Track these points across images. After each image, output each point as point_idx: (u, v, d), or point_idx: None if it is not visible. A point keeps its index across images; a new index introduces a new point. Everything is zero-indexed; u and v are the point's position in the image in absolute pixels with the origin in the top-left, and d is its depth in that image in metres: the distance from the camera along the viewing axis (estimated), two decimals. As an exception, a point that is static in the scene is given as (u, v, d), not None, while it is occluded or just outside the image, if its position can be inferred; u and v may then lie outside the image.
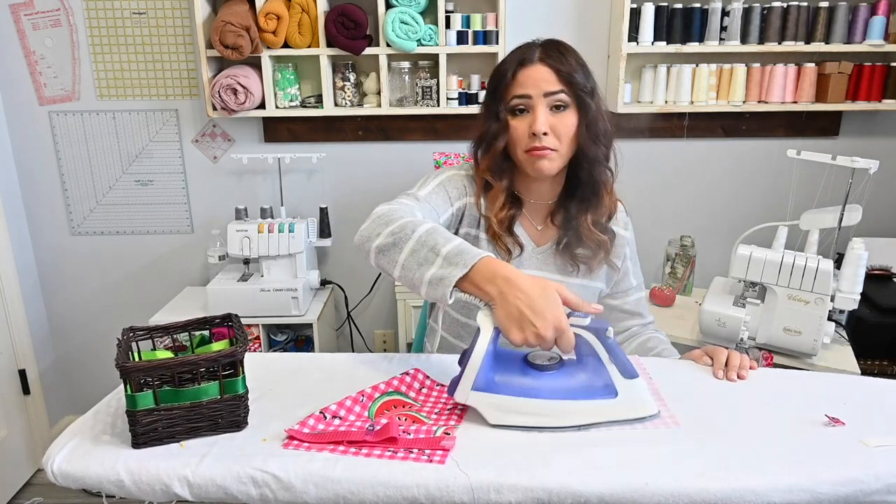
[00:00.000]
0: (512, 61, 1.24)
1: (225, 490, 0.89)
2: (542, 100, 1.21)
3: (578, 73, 1.22)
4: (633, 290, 1.40)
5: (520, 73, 1.22)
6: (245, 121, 2.37)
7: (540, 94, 1.21)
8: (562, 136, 1.22)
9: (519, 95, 1.22)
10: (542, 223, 1.35)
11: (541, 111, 1.21)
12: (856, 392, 1.11)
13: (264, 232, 2.19)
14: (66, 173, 2.43)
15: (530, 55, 1.23)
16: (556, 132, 1.22)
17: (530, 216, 1.35)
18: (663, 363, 1.22)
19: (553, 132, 1.21)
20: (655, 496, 0.85)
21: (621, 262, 1.38)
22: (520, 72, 1.22)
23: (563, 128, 1.22)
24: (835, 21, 2.15)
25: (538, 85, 1.21)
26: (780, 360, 1.80)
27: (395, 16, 2.09)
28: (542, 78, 1.21)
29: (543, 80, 1.21)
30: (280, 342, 2.33)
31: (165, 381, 0.98)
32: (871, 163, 1.80)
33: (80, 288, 2.55)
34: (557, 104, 1.21)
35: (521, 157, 1.25)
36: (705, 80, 2.21)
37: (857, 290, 1.72)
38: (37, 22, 2.28)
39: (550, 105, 1.21)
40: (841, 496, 0.86)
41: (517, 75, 1.22)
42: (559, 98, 1.21)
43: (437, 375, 1.17)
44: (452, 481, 0.87)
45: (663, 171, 2.43)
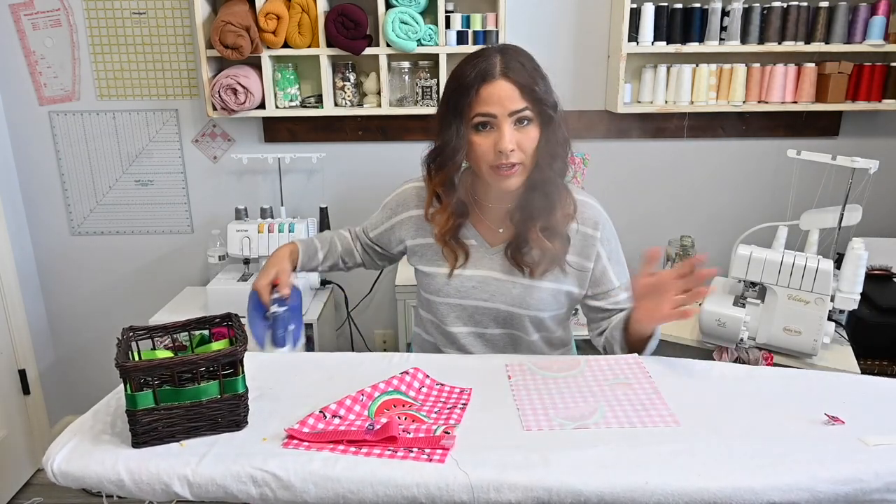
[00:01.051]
0: (474, 76, 1.20)
1: (225, 489, 0.90)
2: (508, 118, 1.20)
3: (540, 88, 1.21)
4: (614, 291, 1.38)
5: (483, 90, 1.19)
6: (245, 121, 2.37)
7: (505, 114, 1.19)
8: (526, 150, 1.22)
9: (483, 114, 1.20)
10: (500, 225, 1.37)
11: (507, 129, 1.19)
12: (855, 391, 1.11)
13: (264, 232, 2.18)
14: (66, 173, 2.43)
15: (491, 69, 1.20)
16: (521, 147, 1.21)
17: (487, 219, 1.37)
18: (663, 363, 1.22)
19: (519, 147, 1.21)
20: (655, 495, 0.85)
21: (592, 262, 1.36)
22: (483, 88, 1.19)
23: (528, 141, 1.22)
24: (835, 21, 2.15)
25: (503, 103, 1.19)
26: (780, 360, 1.80)
27: (395, 16, 2.09)
28: (507, 96, 1.19)
29: (508, 97, 1.19)
30: (280, 342, 2.33)
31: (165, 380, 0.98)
32: (871, 163, 1.80)
33: (80, 288, 2.55)
34: (521, 119, 1.21)
35: (486, 171, 1.25)
36: (705, 80, 2.21)
37: (857, 290, 1.72)
38: (37, 22, 2.28)
39: (515, 121, 1.21)
40: (841, 495, 0.86)
41: (480, 92, 1.20)
42: (524, 115, 1.21)
43: (437, 375, 1.17)
44: (452, 480, 0.87)
45: (663, 171, 2.43)
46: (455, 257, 1.35)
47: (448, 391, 1.12)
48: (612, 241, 1.39)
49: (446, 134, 1.25)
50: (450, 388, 1.14)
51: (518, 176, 1.24)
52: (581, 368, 1.19)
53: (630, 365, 1.20)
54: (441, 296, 1.38)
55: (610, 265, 1.37)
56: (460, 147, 1.24)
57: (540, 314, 1.35)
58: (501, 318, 1.37)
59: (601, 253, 1.36)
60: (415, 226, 1.41)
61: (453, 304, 1.38)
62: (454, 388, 1.14)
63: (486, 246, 1.37)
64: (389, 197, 1.48)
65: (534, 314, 1.35)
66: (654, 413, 1.04)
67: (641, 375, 1.16)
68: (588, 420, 1.02)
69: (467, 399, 1.09)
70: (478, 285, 1.35)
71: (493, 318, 1.37)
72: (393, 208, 1.45)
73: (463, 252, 1.35)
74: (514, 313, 1.35)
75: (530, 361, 1.23)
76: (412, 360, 1.23)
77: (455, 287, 1.36)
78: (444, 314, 1.39)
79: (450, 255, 1.36)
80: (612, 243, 1.39)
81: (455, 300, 1.37)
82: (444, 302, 1.38)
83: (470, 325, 1.39)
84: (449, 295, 1.37)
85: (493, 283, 1.35)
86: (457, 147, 1.24)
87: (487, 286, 1.35)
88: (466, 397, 1.10)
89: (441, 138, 1.27)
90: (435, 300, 1.39)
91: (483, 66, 1.20)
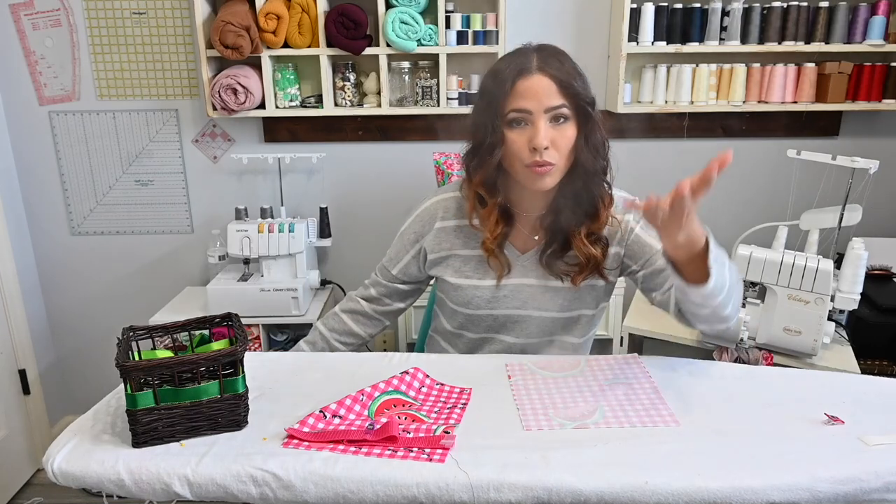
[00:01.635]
0: (509, 70, 1.17)
1: (225, 489, 0.90)
2: (543, 115, 1.16)
3: (578, 84, 1.18)
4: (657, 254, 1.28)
5: (519, 84, 1.16)
6: (245, 121, 2.37)
7: (541, 109, 1.16)
8: (561, 149, 1.18)
9: (518, 109, 1.16)
10: (530, 232, 1.32)
11: (542, 125, 1.15)
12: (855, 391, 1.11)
13: (264, 232, 2.18)
14: (66, 173, 2.43)
15: (528, 64, 1.17)
16: (556, 145, 1.17)
17: (521, 225, 1.32)
18: (663, 363, 1.22)
19: (553, 146, 1.17)
20: (655, 495, 0.85)
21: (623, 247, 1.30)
22: (519, 82, 1.16)
23: (563, 140, 1.17)
24: (835, 21, 2.15)
25: (539, 98, 1.15)
26: (780, 360, 1.80)
27: (395, 16, 2.09)
28: (543, 91, 1.15)
29: (544, 92, 1.15)
30: (280, 342, 2.33)
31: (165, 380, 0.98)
32: (871, 163, 1.80)
33: (80, 288, 2.55)
34: (558, 117, 1.17)
35: (520, 170, 1.20)
36: (705, 80, 2.21)
37: (857, 290, 1.72)
38: (37, 22, 2.28)
39: (551, 118, 1.17)
40: (840, 494, 0.86)
41: (516, 86, 1.16)
42: (560, 112, 1.16)
43: (437, 375, 1.17)
44: (452, 480, 0.87)
45: (663, 171, 2.42)
46: (501, 267, 1.29)
47: (448, 391, 1.13)
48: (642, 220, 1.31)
49: (482, 130, 1.21)
50: (450, 387, 1.14)
51: (552, 176, 1.19)
52: (581, 368, 1.20)
53: (630, 365, 1.21)
54: (471, 308, 1.32)
55: (643, 233, 1.30)
56: (498, 143, 1.19)
57: (583, 312, 1.32)
58: (535, 325, 1.32)
59: (631, 226, 1.30)
60: (441, 237, 1.34)
61: (484, 314, 1.33)
62: (454, 387, 1.14)
63: (516, 253, 1.32)
64: (409, 222, 1.39)
65: (576, 314, 1.31)
66: (654, 413, 1.04)
67: (641, 375, 1.16)
68: (588, 420, 1.02)
69: (467, 399, 1.09)
70: (510, 294, 1.31)
71: (527, 325, 1.32)
72: (417, 231, 1.36)
73: (507, 262, 1.29)
74: (547, 318, 1.31)
75: (530, 361, 1.23)
76: (412, 360, 1.23)
77: (486, 298, 1.31)
78: (474, 325, 1.35)
79: (496, 265, 1.29)
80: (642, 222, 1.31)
81: (486, 311, 1.32)
82: (475, 314, 1.33)
83: (502, 333, 1.35)
84: (480, 307, 1.32)
85: (525, 290, 1.30)
86: (494, 143, 1.19)
87: (520, 293, 1.31)
88: (466, 397, 1.10)
89: (477, 136, 1.23)
90: (465, 311, 1.34)
91: (519, 61, 1.17)
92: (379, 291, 1.44)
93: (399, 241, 1.40)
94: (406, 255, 1.38)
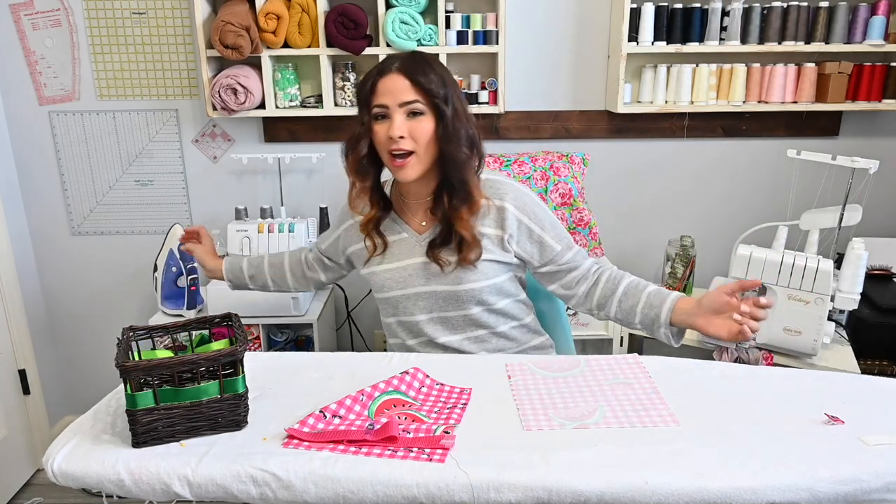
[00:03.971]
0: (373, 72, 1.35)
1: (225, 489, 0.90)
2: (399, 108, 1.32)
3: (433, 83, 1.32)
4: (559, 254, 1.42)
5: (379, 83, 1.33)
6: (245, 121, 2.37)
7: (396, 104, 1.32)
8: (419, 139, 1.33)
9: (379, 105, 1.33)
10: (423, 218, 1.46)
11: (397, 118, 1.32)
12: (855, 391, 1.11)
13: (264, 232, 2.18)
14: (66, 173, 2.43)
15: (388, 66, 1.33)
16: (413, 136, 1.32)
17: (413, 214, 1.47)
18: (663, 363, 1.22)
19: (410, 136, 1.32)
20: (655, 495, 0.85)
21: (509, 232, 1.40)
22: (379, 81, 1.33)
23: (420, 132, 1.32)
24: (835, 21, 2.15)
25: (394, 95, 1.31)
26: (780, 360, 1.80)
27: (395, 16, 2.09)
28: (398, 88, 1.31)
29: (399, 90, 1.31)
30: (280, 342, 2.33)
31: (165, 380, 0.98)
32: (871, 163, 1.80)
33: (80, 288, 2.55)
34: (413, 111, 1.32)
35: (387, 161, 1.36)
36: (705, 80, 2.21)
37: (857, 290, 1.72)
38: (37, 22, 2.28)
39: (407, 112, 1.32)
40: (840, 494, 0.86)
41: (377, 85, 1.33)
42: (414, 106, 1.32)
43: (436, 375, 1.17)
44: (452, 480, 0.87)
45: (663, 171, 2.43)
46: (374, 247, 1.45)
47: (448, 391, 1.13)
48: (535, 210, 1.42)
49: (356, 125, 1.39)
50: (450, 387, 1.14)
51: (412, 167, 1.34)
52: (581, 368, 1.20)
53: (630, 365, 1.21)
54: (385, 290, 1.46)
55: (544, 233, 1.41)
56: (364, 134, 1.37)
57: (474, 286, 1.40)
58: (444, 299, 1.42)
59: (524, 223, 1.41)
60: (355, 232, 1.50)
61: (398, 295, 1.45)
62: (454, 387, 1.14)
63: (416, 236, 1.45)
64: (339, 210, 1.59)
65: (468, 288, 1.40)
66: (654, 413, 1.04)
67: (641, 375, 1.16)
68: (588, 420, 1.02)
69: (467, 399, 1.09)
70: (414, 273, 1.43)
71: (439, 300, 1.43)
72: (340, 217, 1.57)
73: (382, 242, 1.45)
74: (451, 292, 1.41)
75: (530, 361, 1.23)
76: (412, 360, 1.23)
77: (395, 279, 1.44)
78: (397, 308, 1.46)
79: (370, 245, 1.46)
80: (535, 213, 1.42)
81: (399, 291, 1.44)
82: (391, 296, 1.45)
83: (424, 312, 1.44)
84: (392, 288, 1.45)
85: (427, 267, 1.42)
86: (361, 134, 1.37)
87: (423, 271, 1.42)
88: (466, 397, 1.10)
89: (352, 130, 1.40)
90: (384, 296, 1.47)
91: (383, 64, 1.35)
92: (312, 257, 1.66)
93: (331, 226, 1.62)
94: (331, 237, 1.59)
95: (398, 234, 1.46)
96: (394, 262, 1.45)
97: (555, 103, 2.35)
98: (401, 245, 1.46)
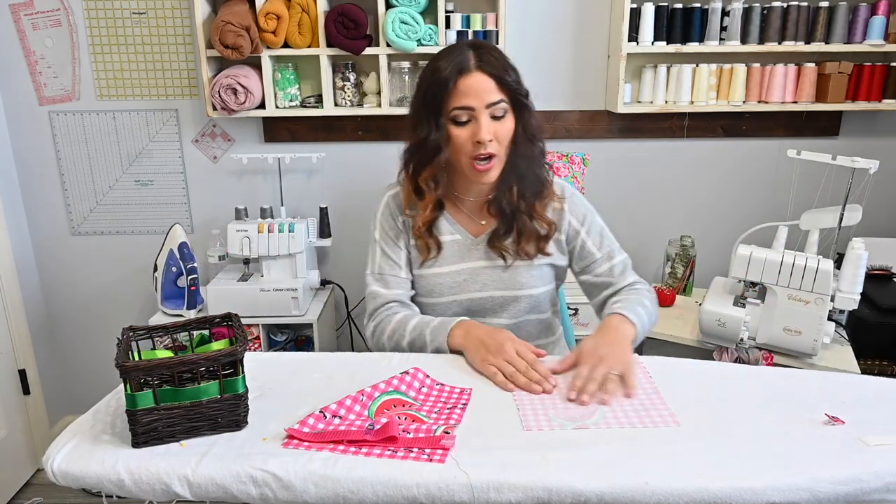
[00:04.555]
0: (450, 69, 1.24)
1: (225, 489, 0.90)
2: (485, 110, 1.24)
3: (513, 79, 1.26)
4: (597, 262, 1.40)
5: (460, 83, 1.23)
6: (245, 121, 2.37)
7: (483, 105, 1.24)
8: (502, 141, 1.27)
9: (462, 107, 1.24)
10: (481, 217, 1.40)
11: (484, 121, 1.24)
12: (855, 391, 1.11)
13: (264, 232, 2.18)
14: (66, 173, 2.43)
15: (467, 63, 1.23)
16: (497, 138, 1.26)
17: (468, 212, 1.41)
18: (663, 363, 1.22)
19: (495, 138, 1.26)
20: (655, 495, 0.85)
21: (564, 234, 1.40)
22: (460, 81, 1.23)
23: (503, 133, 1.27)
24: (835, 21, 2.15)
25: (480, 96, 1.23)
26: (780, 360, 1.80)
27: (395, 16, 2.09)
28: (483, 88, 1.23)
29: (484, 90, 1.23)
30: (280, 342, 2.33)
31: (165, 380, 0.98)
32: (871, 163, 1.80)
33: (80, 288, 2.55)
34: (497, 110, 1.25)
35: (465, 164, 1.29)
36: (705, 80, 2.21)
37: (857, 290, 1.72)
38: (37, 22, 2.28)
39: (491, 113, 1.25)
40: (841, 495, 0.86)
41: (458, 85, 1.23)
42: (500, 107, 1.25)
43: (437, 375, 1.17)
44: (452, 480, 0.87)
45: (663, 171, 2.42)
46: (428, 251, 1.37)
47: (448, 391, 1.13)
48: (585, 213, 1.41)
49: (425, 129, 1.29)
50: (450, 388, 1.14)
51: (494, 169, 1.29)
52: None
53: None
54: (436, 295, 1.39)
55: (588, 237, 1.40)
56: (444, 141, 1.27)
57: (533, 292, 1.38)
58: (498, 306, 1.39)
59: (573, 224, 1.39)
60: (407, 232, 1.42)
61: (449, 301, 1.39)
62: (454, 388, 1.14)
63: (470, 238, 1.39)
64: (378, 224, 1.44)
65: (527, 293, 1.37)
66: (655, 413, 1.04)
67: (641, 375, 1.16)
68: (588, 420, 1.02)
69: (467, 399, 1.09)
70: (469, 278, 1.38)
71: (491, 307, 1.39)
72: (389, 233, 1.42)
73: (436, 246, 1.38)
74: (508, 297, 1.37)
75: None
76: (412, 360, 1.23)
77: (447, 284, 1.38)
78: (445, 312, 1.39)
79: (423, 248, 1.38)
80: (585, 216, 1.41)
81: (450, 297, 1.38)
82: (440, 302, 1.39)
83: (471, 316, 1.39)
84: (443, 294, 1.38)
85: (483, 273, 1.37)
86: (439, 140, 1.27)
87: (478, 276, 1.38)
88: (466, 397, 1.10)
89: (419, 134, 1.30)
90: (430, 302, 1.40)
91: (458, 60, 1.24)
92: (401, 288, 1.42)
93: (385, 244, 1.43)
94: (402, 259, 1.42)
95: (451, 234, 1.40)
96: (445, 266, 1.38)
97: (555, 103, 2.35)
98: (453, 247, 1.39)
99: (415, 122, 1.32)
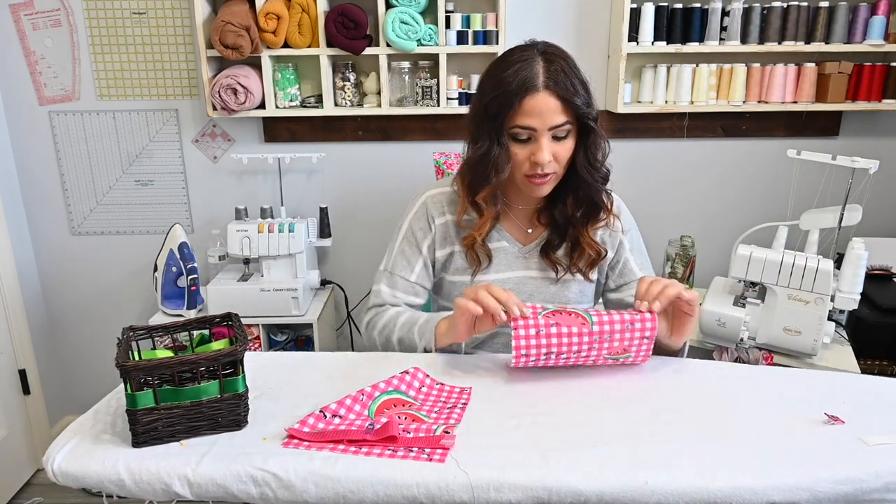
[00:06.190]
0: (515, 85, 1.18)
1: (225, 489, 0.90)
2: (547, 132, 1.20)
3: (582, 100, 1.20)
4: (631, 284, 1.38)
5: (525, 102, 1.17)
6: (245, 121, 2.37)
7: (545, 128, 1.19)
8: (561, 161, 1.23)
9: (523, 126, 1.19)
10: (529, 225, 1.37)
11: (545, 143, 1.20)
12: (855, 390, 1.11)
13: (264, 232, 2.18)
14: (66, 173, 2.43)
15: (535, 80, 1.17)
16: (557, 158, 1.23)
17: (518, 220, 1.37)
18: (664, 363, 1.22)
19: (555, 159, 1.22)
20: (655, 495, 0.85)
21: (614, 251, 1.38)
22: (525, 100, 1.17)
23: (563, 154, 1.23)
24: (835, 21, 2.15)
25: (543, 118, 1.18)
26: (780, 360, 1.80)
27: (395, 16, 2.09)
28: (549, 108, 1.18)
29: (549, 111, 1.18)
30: (280, 342, 2.33)
31: (165, 380, 0.98)
32: (871, 163, 1.80)
33: (80, 288, 2.55)
34: (560, 132, 1.21)
35: (520, 179, 1.26)
36: (705, 80, 2.21)
37: (857, 290, 1.72)
38: (37, 22, 2.28)
39: (553, 135, 1.21)
40: (841, 494, 0.86)
41: (523, 104, 1.18)
42: (563, 129, 1.20)
43: (437, 374, 1.17)
44: (452, 480, 0.87)
45: (663, 171, 2.43)
46: (479, 261, 1.33)
47: (448, 391, 1.12)
48: (632, 231, 1.40)
49: (486, 143, 1.23)
50: (450, 387, 1.14)
51: (550, 184, 1.26)
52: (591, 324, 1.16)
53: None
54: None
55: (632, 255, 1.38)
56: (505, 160, 1.22)
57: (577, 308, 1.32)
58: None
59: (623, 242, 1.37)
60: (441, 235, 1.37)
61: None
62: (454, 387, 1.14)
63: (518, 246, 1.36)
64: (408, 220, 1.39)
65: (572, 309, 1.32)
66: (637, 320, 1.11)
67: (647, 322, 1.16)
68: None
69: (467, 399, 1.09)
70: (515, 287, 1.33)
71: None
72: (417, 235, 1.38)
73: (487, 256, 1.33)
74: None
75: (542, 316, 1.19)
76: (412, 360, 1.23)
77: None
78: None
79: (473, 259, 1.32)
80: (632, 233, 1.40)
81: None
82: None
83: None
84: None
85: (529, 283, 1.35)
86: (501, 158, 1.22)
87: (524, 286, 1.34)
88: (466, 397, 1.10)
89: (479, 149, 1.24)
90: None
91: (525, 76, 1.18)
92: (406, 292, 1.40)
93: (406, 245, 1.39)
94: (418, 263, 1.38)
95: (497, 241, 1.35)
96: (491, 274, 1.34)
97: (555, 103, 2.34)
98: (499, 255, 1.35)
99: (474, 132, 1.26)
